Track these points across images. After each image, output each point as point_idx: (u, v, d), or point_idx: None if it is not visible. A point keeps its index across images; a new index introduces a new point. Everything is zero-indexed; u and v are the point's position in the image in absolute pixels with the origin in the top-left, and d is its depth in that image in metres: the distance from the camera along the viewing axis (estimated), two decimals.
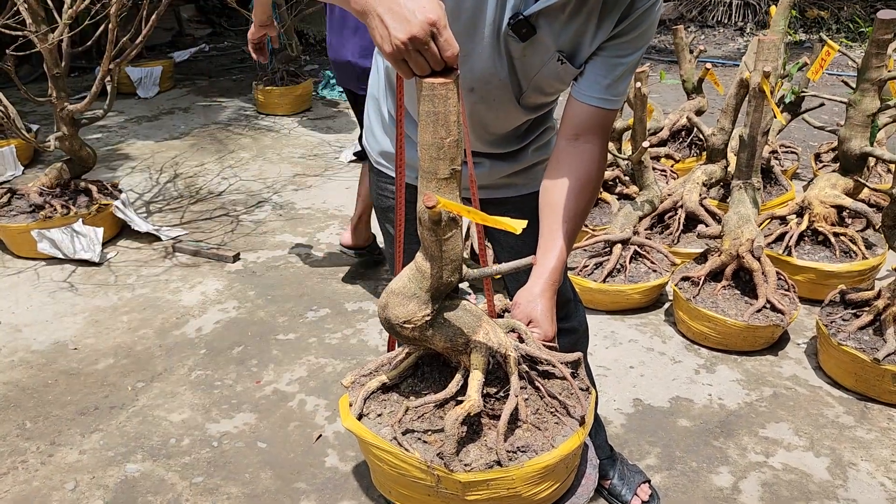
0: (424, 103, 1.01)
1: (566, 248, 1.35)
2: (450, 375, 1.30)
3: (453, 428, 1.15)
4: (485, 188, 1.63)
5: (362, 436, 1.25)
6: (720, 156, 3.26)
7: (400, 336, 1.22)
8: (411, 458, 1.19)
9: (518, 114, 1.50)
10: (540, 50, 1.34)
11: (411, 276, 1.18)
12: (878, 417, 2.38)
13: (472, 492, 1.18)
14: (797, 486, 2.10)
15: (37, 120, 5.35)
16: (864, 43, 2.61)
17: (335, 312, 2.98)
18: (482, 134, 1.53)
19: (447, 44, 0.94)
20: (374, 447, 1.23)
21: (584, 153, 1.38)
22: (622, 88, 1.37)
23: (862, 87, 2.82)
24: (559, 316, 1.83)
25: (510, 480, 1.18)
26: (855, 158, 2.93)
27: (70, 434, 2.29)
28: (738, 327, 2.61)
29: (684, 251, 3.20)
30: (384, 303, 1.21)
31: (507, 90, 1.42)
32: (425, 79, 0.99)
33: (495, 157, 1.61)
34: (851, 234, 2.97)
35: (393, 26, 0.92)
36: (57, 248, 3.30)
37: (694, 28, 8.82)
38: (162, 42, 7.68)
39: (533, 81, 1.41)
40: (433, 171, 1.06)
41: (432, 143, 1.04)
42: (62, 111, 3.26)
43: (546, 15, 1.29)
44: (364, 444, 1.27)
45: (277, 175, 4.50)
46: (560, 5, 1.28)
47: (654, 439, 2.28)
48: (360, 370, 1.38)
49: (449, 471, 1.16)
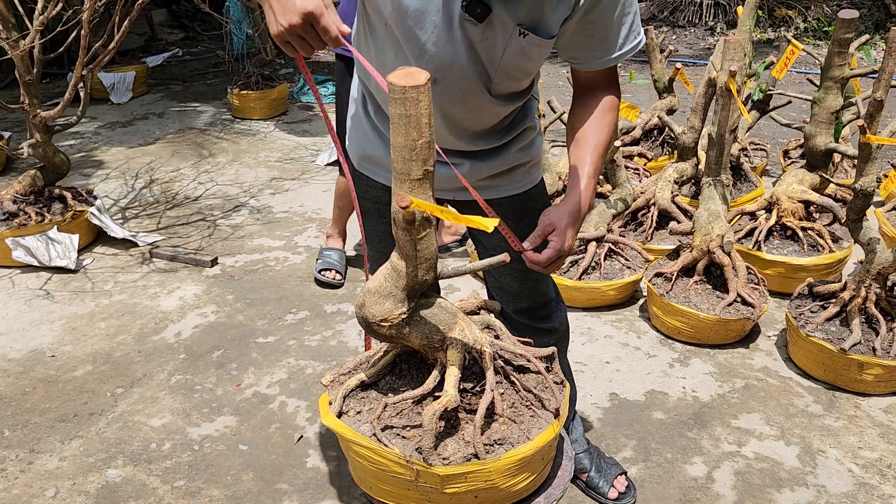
0: (396, 106, 1.04)
1: (594, 174, 1.45)
2: (427, 372, 1.33)
3: (431, 423, 1.18)
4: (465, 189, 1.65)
5: (342, 433, 1.27)
6: (691, 154, 3.32)
7: (377, 334, 1.25)
8: (391, 454, 1.22)
9: (491, 105, 1.49)
10: (500, 29, 1.33)
11: (387, 275, 1.21)
12: (845, 406, 2.45)
13: (450, 485, 1.22)
14: (769, 473, 2.15)
15: (8, 127, 5.30)
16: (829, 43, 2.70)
17: (314, 315, 3.00)
18: (457, 130, 1.53)
19: (325, 29, 1.09)
20: (354, 444, 1.26)
21: (598, 98, 1.49)
22: (620, 41, 1.41)
23: (825, 85, 2.90)
24: (539, 315, 1.87)
25: (487, 473, 1.22)
26: (820, 154, 3.00)
27: (49, 441, 2.29)
28: (711, 321, 2.67)
29: (657, 248, 3.27)
30: (361, 301, 1.24)
31: (474, 79, 1.41)
32: (397, 83, 1.02)
33: (475, 155, 1.60)
34: (818, 228, 3.04)
35: (278, 12, 1.09)
36: (32, 255, 3.28)
37: (665, 28, 8.94)
38: (135, 47, 7.62)
39: (500, 66, 1.40)
40: (406, 173, 1.09)
41: (405, 145, 1.07)
42: (35, 118, 3.24)
43: None
44: (344, 442, 1.30)
45: (254, 179, 4.50)
46: None
47: (630, 432, 2.33)
48: (340, 369, 1.41)
49: (427, 465, 1.19)
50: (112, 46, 3.14)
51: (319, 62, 7.68)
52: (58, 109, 3.22)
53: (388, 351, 1.38)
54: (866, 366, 2.40)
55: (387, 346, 1.39)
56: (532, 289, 1.80)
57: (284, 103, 5.87)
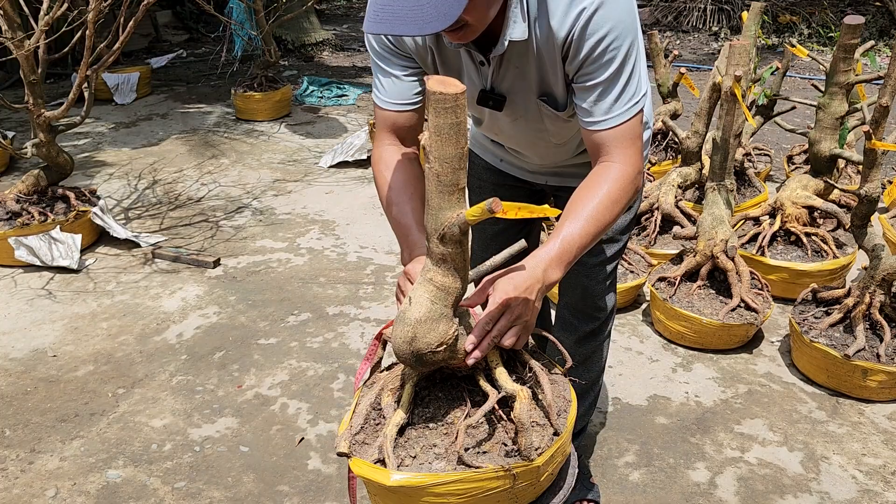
0: (447, 115, 1.01)
1: (566, 244, 1.29)
2: (455, 388, 1.30)
3: (526, 419, 1.15)
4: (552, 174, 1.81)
5: (422, 483, 1.15)
6: (695, 158, 3.32)
7: (426, 364, 1.19)
8: (486, 472, 1.15)
9: (566, 147, 1.66)
10: (523, 105, 1.49)
11: (433, 297, 1.15)
12: (849, 412, 2.43)
13: (545, 471, 1.21)
14: (771, 480, 2.14)
15: (12, 126, 5.31)
16: (834, 48, 2.69)
17: (316, 316, 2.99)
18: (541, 160, 1.75)
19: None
20: (438, 486, 1.15)
21: (602, 169, 1.37)
22: (605, 107, 1.35)
23: (830, 90, 2.90)
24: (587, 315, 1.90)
25: (563, 446, 1.23)
26: (825, 160, 2.99)
27: (50, 441, 2.28)
28: (714, 326, 2.66)
29: (661, 252, 3.26)
30: (410, 336, 1.15)
31: (533, 137, 1.61)
32: (447, 91, 1.00)
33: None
34: (822, 234, 3.03)
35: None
36: (35, 255, 3.28)
37: (670, 33, 8.94)
38: (139, 48, 7.64)
39: (547, 128, 1.55)
40: (455, 183, 1.07)
41: (455, 155, 1.04)
42: (39, 118, 3.25)
43: (502, 80, 1.43)
44: (419, 494, 1.16)
45: (257, 181, 4.50)
46: (503, 67, 1.41)
47: (633, 437, 2.32)
48: (349, 431, 1.26)
49: (529, 460, 1.16)
50: (116, 47, 3.14)
51: (324, 65, 7.69)
52: (62, 109, 3.23)
53: (403, 383, 1.28)
54: (870, 372, 2.39)
55: (401, 380, 1.30)
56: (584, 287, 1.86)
57: (288, 105, 5.87)
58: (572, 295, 1.89)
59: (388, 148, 1.51)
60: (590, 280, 1.83)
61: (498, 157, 1.85)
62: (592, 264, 1.81)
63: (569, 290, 1.90)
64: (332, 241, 3.67)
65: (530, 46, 1.35)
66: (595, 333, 1.92)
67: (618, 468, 2.19)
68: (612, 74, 1.32)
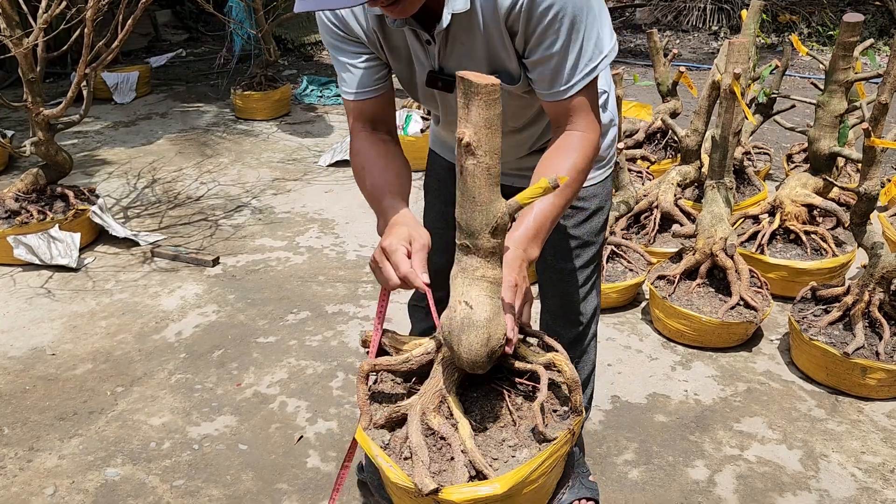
0: (494, 107, 1.01)
1: (539, 216, 1.31)
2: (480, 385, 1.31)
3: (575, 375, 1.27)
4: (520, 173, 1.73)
5: (524, 476, 1.16)
6: (694, 157, 3.31)
7: (493, 362, 1.18)
8: (561, 439, 1.22)
9: (525, 135, 1.59)
10: None
11: (489, 293, 1.14)
12: (848, 410, 2.43)
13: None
14: (771, 478, 2.14)
15: (11, 125, 5.30)
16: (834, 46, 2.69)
17: (315, 315, 2.99)
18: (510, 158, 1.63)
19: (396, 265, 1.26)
20: (535, 472, 1.18)
21: (566, 139, 1.38)
22: (563, 77, 1.32)
23: (830, 88, 2.89)
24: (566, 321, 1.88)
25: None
26: (824, 158, 2.99)
27: (49, 439, 2.28)
28: (713, 324, 2.66)
29: (660, 250, 3.25)
30: (486, 337, 1.14)
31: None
32: (489, 82, 1.00)
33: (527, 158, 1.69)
34: (822, 232, 3.03)
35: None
36: (33, 253, 3.27)
37: (669, 32, 8.93)
38: (138, 47, 7.63)
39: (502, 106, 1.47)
40: (498, 174, 1.07)
41: (498, 145, 1.05)
42: (38, 116, 3.24)
43: (449, 58, 1.37)
44: (521, 487, 1.17)
45: (256, 179, 4.50)
46: (449, 44, 1.35)
47: (632, 435, 2.32)
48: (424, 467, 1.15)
49: (579, 415, 1.27)
50: (115, 46, 3.14)
51: (323, 64, 7.68)
52: (60, 108, 3.22)
53: (443, 399, 1.25)
54: (869, 370, 2.39)
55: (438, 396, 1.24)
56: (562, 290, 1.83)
57: (287, 104, 5.87)
58: (552, 301, 1.87)
59: (361, 135, 1.51)
60: (568, 286, 1.80)
61: None
62: (569, 270, 1.78)
63: (548, 297, 1.87)
64: (331, 240, 3.67)
65: (475, 19, 1.29)
66: (579, 339, 1.89)
67: (617, 466, 2.19)
68: (565, 42, 1.27)
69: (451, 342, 1.16)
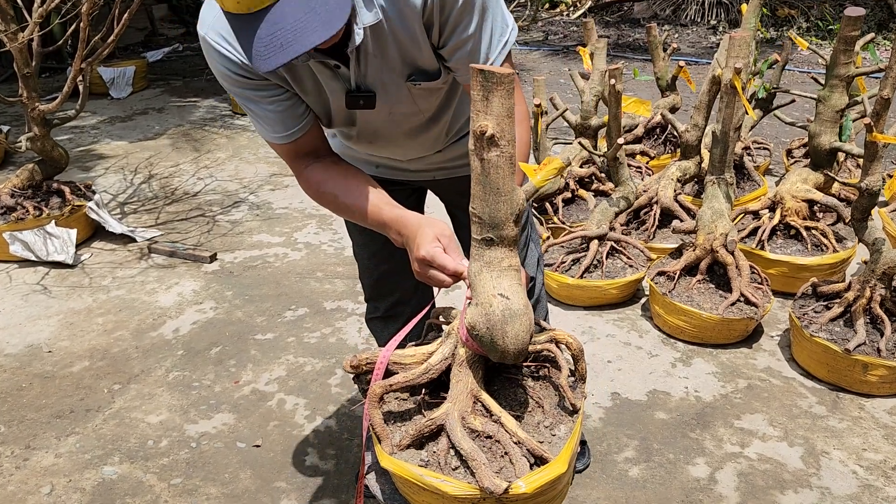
0: (512, 97, 1.03)
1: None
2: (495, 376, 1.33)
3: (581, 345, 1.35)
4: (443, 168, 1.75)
5: (572, 451, 1.20)
6: (694, 152, 3.30)
7: (524, 354, 1.18)
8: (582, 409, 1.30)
9: (440, 125, 1.59)
10: (395, 94, 1.42)
11: (517, 288, 1.15)
12: (849, 407, 2.42)
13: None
14: (772, 475, 2.13)
15: (7, 121, 5.27)
16: (833, 41, 2.68)
17: (313, 311, 2.97)
18: (416, 147, 1.63)
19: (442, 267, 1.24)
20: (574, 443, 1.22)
21: None
22: (482, 55, 1.35)
23: (831, 83, 2.88)
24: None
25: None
26: (825, 153, 2.98)
27: (45, 437, 2.27)
28: (714, 321, 2.65)
29: (660, 246, 3.24)
30: (528, 324, 1.14)
31: (406, 124, 1.53)
32: (505, 71, 1.02)
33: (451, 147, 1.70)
34: (822, 227, 3.02)
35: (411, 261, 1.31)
36: (29, 250, 3.25)
37: (668, 27, 8.91)
38: (135, 42, 7.60)
39: (421, 110, 1.50)
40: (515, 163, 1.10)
41: (514, 136, 1.07)
42: (33, 111, 3.22)
43: (365, 74, 1.36)
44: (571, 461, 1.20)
45: (254, 175, 4.48)
46: (363, 61, 1.34)
47: (632, 432, 2.31)
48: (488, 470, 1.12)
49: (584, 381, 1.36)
50: (111, 40, 3.12)
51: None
52: (56, 103, 3.20)
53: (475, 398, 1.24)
54: (870, 367, 2.38)
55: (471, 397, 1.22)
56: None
57: None
58: None
59: (310, 168, 1.45)
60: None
61: (373, 164, 1.75)
62: None
63: None
64: (329, 236, 3.65)
65: (385, 28, 1.30)
66: (530, 291, 1.88)
67: (617, 464, 2.18)
68: (478, 23, 1.32)
69: (493, 337, 1.12)
